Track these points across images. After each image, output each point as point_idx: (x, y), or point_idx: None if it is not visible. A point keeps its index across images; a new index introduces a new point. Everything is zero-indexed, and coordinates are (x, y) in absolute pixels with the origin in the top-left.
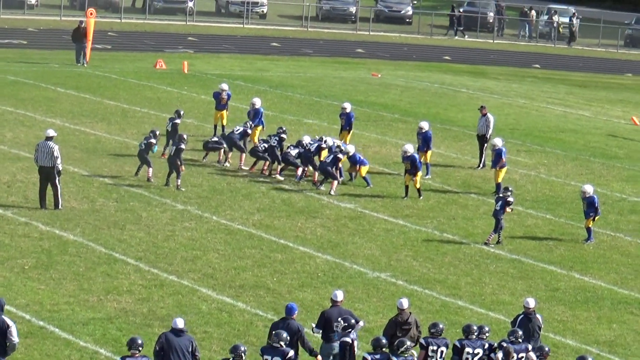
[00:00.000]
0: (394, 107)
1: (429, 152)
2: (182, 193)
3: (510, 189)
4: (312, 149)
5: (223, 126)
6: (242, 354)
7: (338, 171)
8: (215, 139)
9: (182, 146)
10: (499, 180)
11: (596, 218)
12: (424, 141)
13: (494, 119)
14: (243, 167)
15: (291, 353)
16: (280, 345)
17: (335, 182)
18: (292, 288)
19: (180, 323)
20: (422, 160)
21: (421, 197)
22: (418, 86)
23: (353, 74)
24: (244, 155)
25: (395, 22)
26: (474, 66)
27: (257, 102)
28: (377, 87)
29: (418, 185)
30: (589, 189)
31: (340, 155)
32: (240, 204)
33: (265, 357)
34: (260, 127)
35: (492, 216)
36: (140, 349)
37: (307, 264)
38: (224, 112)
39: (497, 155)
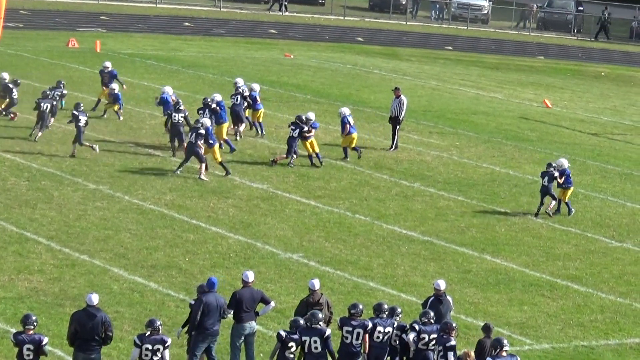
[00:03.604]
0: (306, 87)
1: (261, 111)
2: (94, 172)
3: (553, 164)
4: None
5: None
6: (159, 328)
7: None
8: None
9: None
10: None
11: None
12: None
13: (406, 101)
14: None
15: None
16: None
17: (204, 165)
18: (204, 268)
19: (95, 299)
20: (253, 120)
21: (226, 175)
22: (331, 67)
23: (266, 54)
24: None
25: (308, 3)
26: (387, 47)
27: (167, 90)
28: (289, 67)
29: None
30: (564, 162)
31: (202, 131)
32: (152, 183)
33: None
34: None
35: (540, 192)
36: (35, 324)
37: (219, 245)
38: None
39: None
